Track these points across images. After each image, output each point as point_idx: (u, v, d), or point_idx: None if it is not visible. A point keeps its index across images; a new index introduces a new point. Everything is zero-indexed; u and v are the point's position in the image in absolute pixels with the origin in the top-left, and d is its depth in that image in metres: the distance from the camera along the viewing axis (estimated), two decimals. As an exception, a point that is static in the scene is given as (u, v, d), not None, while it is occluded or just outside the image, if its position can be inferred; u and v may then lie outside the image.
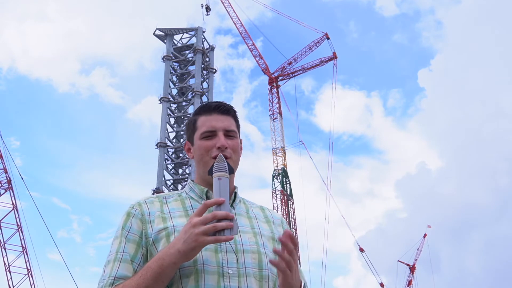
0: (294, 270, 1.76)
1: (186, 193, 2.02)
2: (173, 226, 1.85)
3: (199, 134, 1.98)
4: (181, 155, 56.58)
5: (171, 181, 55.91)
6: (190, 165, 54.31)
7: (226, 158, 1.89)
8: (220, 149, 1.92)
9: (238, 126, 2.05)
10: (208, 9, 56.45)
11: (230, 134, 1.98)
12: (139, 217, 1.89)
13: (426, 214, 75.90)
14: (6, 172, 32.44)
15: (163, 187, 54.08)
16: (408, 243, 56.68)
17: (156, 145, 55.57)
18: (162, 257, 1.71)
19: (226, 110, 2.01)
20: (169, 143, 56.87)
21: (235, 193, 2.02)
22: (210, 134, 1.96)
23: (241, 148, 2.06)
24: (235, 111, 2.05)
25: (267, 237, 1.96)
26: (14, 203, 31.99)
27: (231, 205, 1.96)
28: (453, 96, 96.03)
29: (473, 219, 78.36)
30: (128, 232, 1.86)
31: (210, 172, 1.82)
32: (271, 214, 2.10)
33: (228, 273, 1.79)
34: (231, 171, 1.83)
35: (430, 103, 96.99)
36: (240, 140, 2.06)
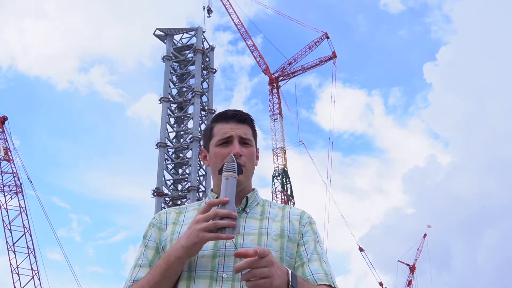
0: (270, 277, 1.63)
1: (205, 203, 2.03)
2: (179, 233, 1.94)
3: (215, 141, 2.00)
4: (181, 155, 56.61)
5: (171, 181, 55.94)
6: (190, 165, 54.35)
7: (240, 166, 1.92)
8: (235, 156, 1.93)
9: (254, 135, 2.07)
10: (209, 11, 56.38)
11: (246, 142, 2.00)
12: (158, 226, 2.04)
13: (433, 210, 75.22)
14: (17, 177, 32.42)
15: (163, 187, 54.15)
16: (414, 240, 56.69)
17: (156, 145, 55.59)
18: (169, 253, 1.81)
19: (243, 119, 2.03)
20: (169, 143, 56.87)
21: (247, 197, 2.01)
22: (226, 141, 1.99)
23: (258, 157, 2.08)
24: (252, 120, 2.06)
25: (273, 235, 1.91)
26: (24, 206, 32.03)
27: (244, 210, 1.98)
28: (461, 90, 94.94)
29: (485, 216, 77.31)
30: (148, 240, 2.02)
31: (220, 172, 1.86)
32: (289, 211, 2.05)
33: (222, 277, 1.81)
34: (240, 171, 1.85)
35: (437, 97, 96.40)
36: (257, 149, 2.08)
